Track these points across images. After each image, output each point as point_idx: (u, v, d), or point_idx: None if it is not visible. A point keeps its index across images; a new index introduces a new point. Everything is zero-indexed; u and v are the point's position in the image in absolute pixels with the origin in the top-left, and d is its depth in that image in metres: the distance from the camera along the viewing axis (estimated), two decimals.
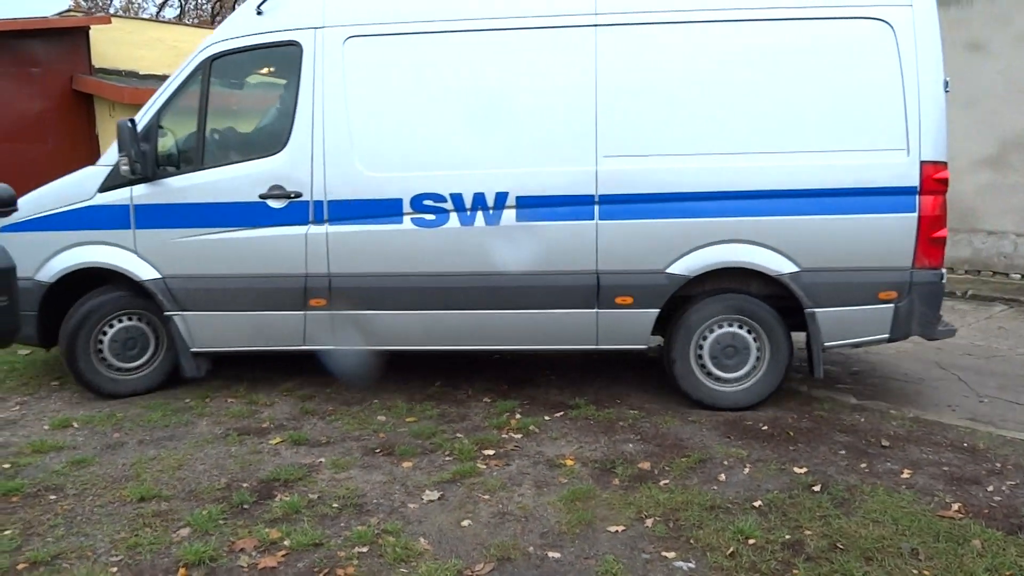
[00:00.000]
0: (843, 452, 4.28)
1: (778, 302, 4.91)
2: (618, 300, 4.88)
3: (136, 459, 4.26)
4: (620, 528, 3.49)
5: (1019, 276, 9.46)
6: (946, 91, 4.68)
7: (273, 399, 5.28)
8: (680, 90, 4.79)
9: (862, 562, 3.15)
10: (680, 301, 4.96)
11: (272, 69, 5.69)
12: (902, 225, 4.69)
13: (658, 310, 4.90)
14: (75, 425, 4.77)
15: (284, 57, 5.10)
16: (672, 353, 5.00)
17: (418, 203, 4.89)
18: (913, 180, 4.65)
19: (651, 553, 3.28)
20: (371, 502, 3.78)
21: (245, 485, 3.95)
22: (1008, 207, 9.52)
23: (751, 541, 3.33)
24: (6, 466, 4.15)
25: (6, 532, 3.45)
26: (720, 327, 4.96)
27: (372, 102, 4.99)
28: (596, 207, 4.80)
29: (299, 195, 4.95)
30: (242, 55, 5.16)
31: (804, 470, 4.04)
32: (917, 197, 4.65)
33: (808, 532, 3.40)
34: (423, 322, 5.04)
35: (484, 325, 5.02)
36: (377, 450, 4.42)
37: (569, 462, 4.22)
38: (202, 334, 5.18)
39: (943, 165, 4.70)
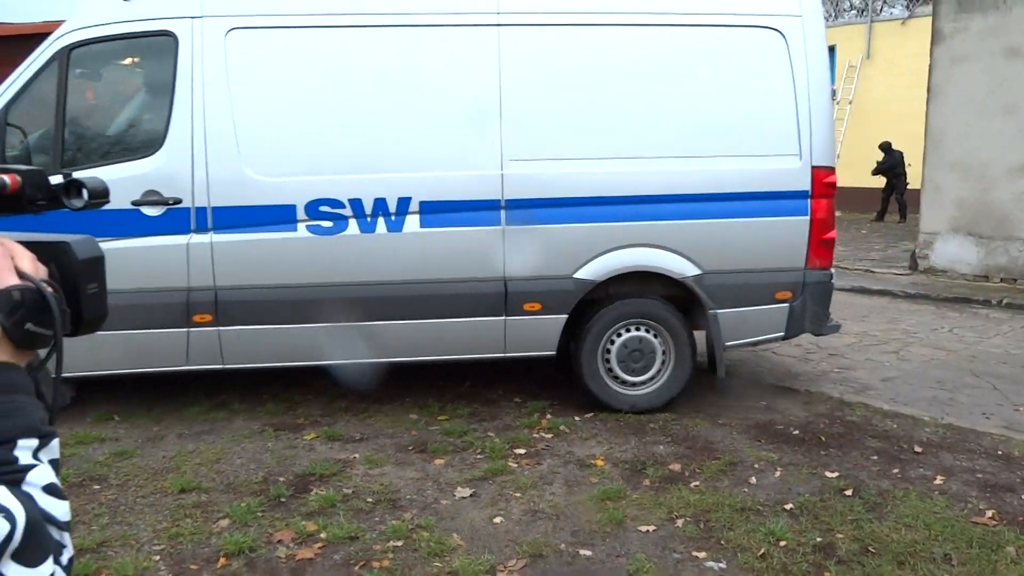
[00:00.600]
0: (875, 457, 4.28)
1: (680, 303, 4.99)
2: (526, 307, 4.78)
3: (176, 452, 4.37)
4: (651, 528, 3.52)
5: None
6: (834, 100, 4.89)
7: (307, 396, 5.37)
8: (584, 94, 4.76)
9: (894, 566, 3.16)
10: (587, 305, 4.92)
11: (142, 61, 5.14)
12: (796, 228, 4.88)
13: (566, 316, 4.84)
14: (116, 418, 4.89)
15: (156, 48, 4.67)
16: (580, 357, 4.94)
17: (313, 209, 4.57)
18: (805, 184, 4.85)
19: (682, 553, 3.31)
20: (404, 498, 3.84)
21: (282, 479, 4.03)
22: None
23: (782, 543, 3.34)
24: None
25: None
26: (627, 331, 4.96)
27: (260, 100, 4.64)
28: (502, 212, 4.67)
29: (178, 201, 4.53)
30: (106, 44, 4.66)
31: (836, 474, 4.04)
32: (809, 201, 4.86)
33: (839, 535, 3.41)
34: (322, 336, 4.68)
35: (387, 336, 4.76)
36: (410, 447, 4.49)
37: (599, 462, 4.26)
38: (69, 358, 4.72)
39: (832, 170, 4.95)
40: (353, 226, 4.61)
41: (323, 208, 4.58)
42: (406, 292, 4.71)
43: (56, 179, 1.05)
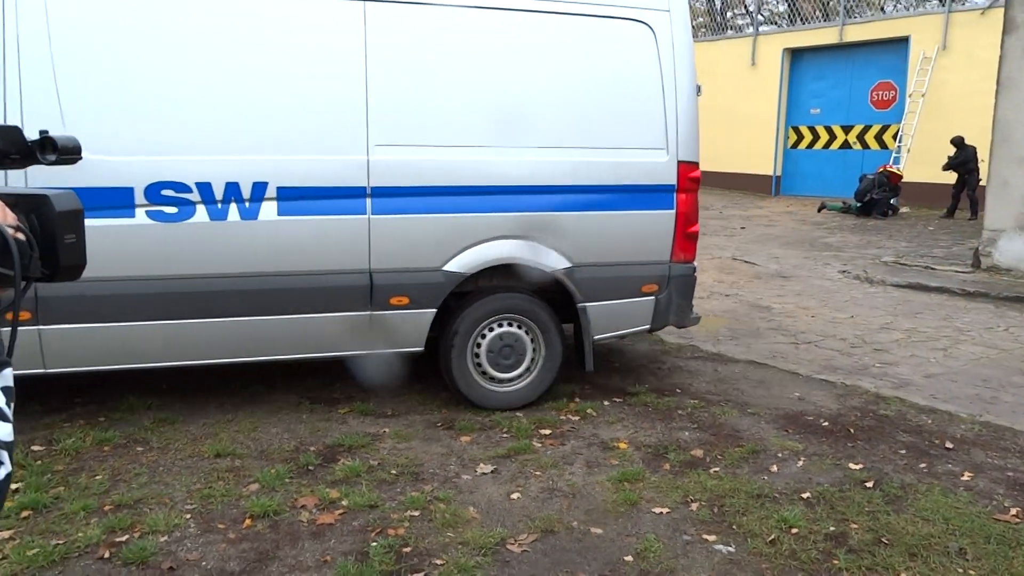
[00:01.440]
0: (903, 451, 4.21)
1: (549, 297, 4.90)
2: (393, 300, 4.54)
3: (216, 420, 4.58)
4: (665, 510, 3.56)
5: None
6: (698, 95, 4.89)
7: (346, 372, 5.52)
8: (454, 78, 4.56)
9: (905, 557, 3.13)
10: (457, 299, 4.76)
11: None
12: (663, 221, 4.91)
13: (435, 310, 4.64)
14: (164, 387, 5.14)
15: None
16: (449, 353, 4.74)
17: (155, 193, 4.10)
18: (672, 179, 4.87)
19: (692, 535, 3.34)
20: (427, 471, 3.96)
21: (312, 449, 4.19)
22: None
23: (794, 530, 3.34)
24: (101, 419, 4.53)
25: (97, 477, 3.79)
26: (498, 326, 4.82)
27: (89, 66, 4.04)
28: (368, 200, 4.41)
29: None
30: None
31: (859, 466, 4.00)
32: (675, 195, 4.88)
33: (854, 526, 3.39)
34: (167, 334, 4.27)
35: (241, 334, 4.39)
36: (439, 424, 4.61)
37: (622, 445, 4.30)
38: None
39: (696, 165, 4.96)
40: (201, 212, 4.17)
41: (166, 192, 4.12)
42: (261, 285, 4.34)
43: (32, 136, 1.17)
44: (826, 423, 4.63)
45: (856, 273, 10.24)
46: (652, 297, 4.99)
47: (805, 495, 3.68)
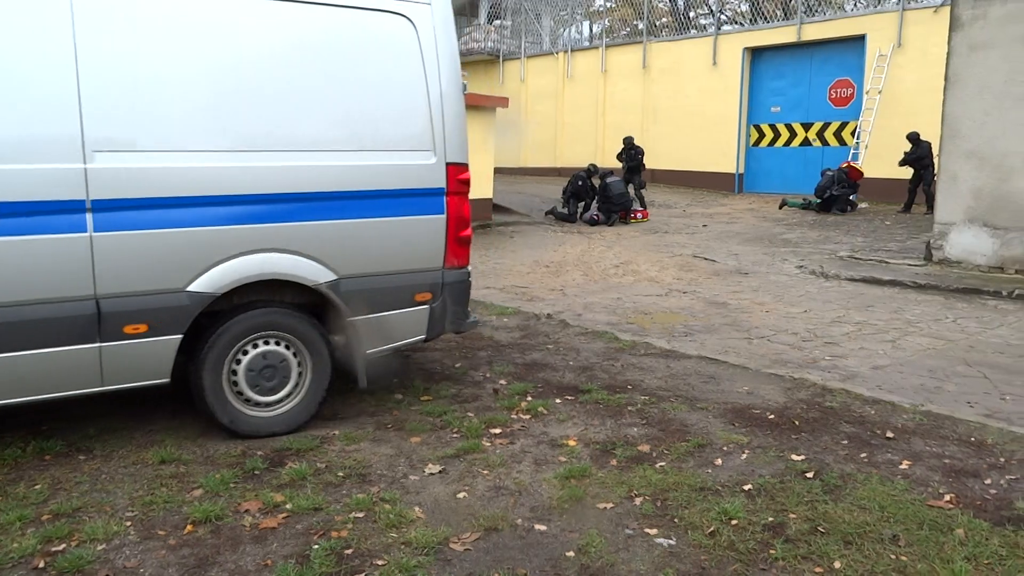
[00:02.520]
0: (845, 442, 4.29)
1: (316, 311, 4.58)
2: (128, 329, 3.97)
3: (162, 427, 4.53)
4: (609, 505, 3.59)
5: None
6: (464, 92, 4.70)
7: None
8: (194, 72, 4.08)
9: (840, 545, 3.19)
10: (210, 319, 4.27)
11: None
12: (433, 227, 4.71)
13: (181, 335, 4.12)
14: (110, 396, 5.06)
15: None
16: (201, 380, 4.24)
17: None
18: (441, 182, 4.68)
19: (635, 529, 3.37)
20: (375, 473, 3.95)
21: (260, 453, 4.16)
22: None
23: (734, 522, 3.39)
24: (43, 427, 4.46)
25: (36, 486, 3.73)
26: (256, 346, 4.39)
27: None
28: (89, 215, 3.82)
29: None
30: None
31: (802, 457, 4.07)
32: (444, 198, 4.70)
33: (792, 516, 3.45)
34: None
35: None
36: (389, 425, 4.61)
37: (571, 443, 4.33)
38: None
39: (465, 167, 4.78)
40: None
41: None
42: None
43: None
44: (772, 416, 4.70)
45: (812, 268, 10.39)
46: (426, 306, 4.77)
47: (747, 487, 3.73)
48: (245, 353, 4.37)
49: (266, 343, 4.42)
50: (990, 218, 9.82)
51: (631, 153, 17.72)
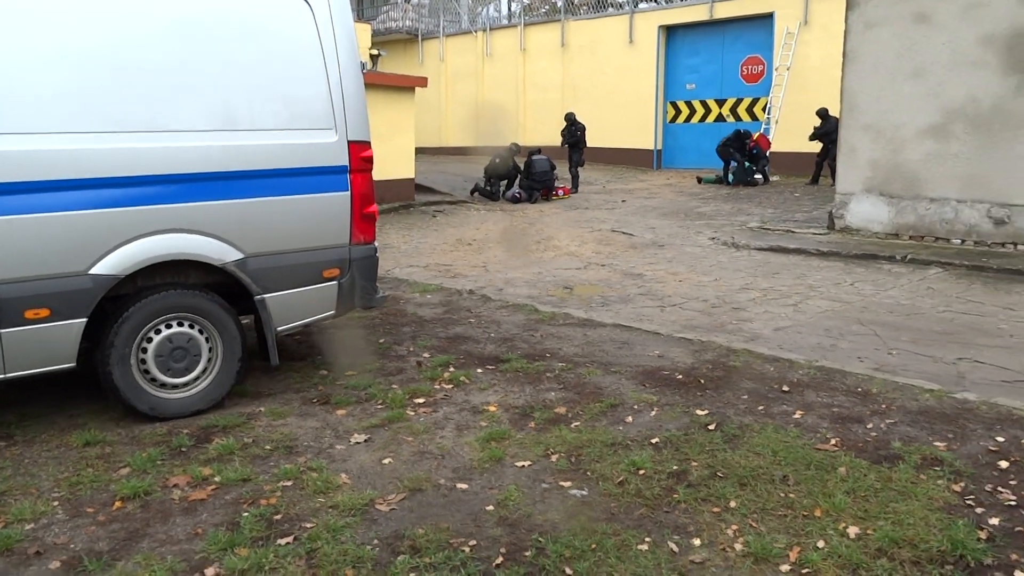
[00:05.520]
0: (745, 397, 4.61)
1: (223, 290, 4.63)
2: (28, 314, 3.94)
3: (84, 410, 4.54)
4: (527, 463, 3.80)
5: (959, 241, 9.81)
6: (363, 71, 4.82)
7: None
8: (89, 49, 4.06)
9: (736, 487, 3.48)
10: (115, 303, 4.30)
11: None
12: (338, 204, 4.83)
13: (85, 319, 4.11)
14: (31, 382, 5.03)
15: None
16: (108, 363, 4.23)
17: None
18: (344, 159, 4.81)
19: (550, 483, 3.60)
20: (301, 444, 4.08)
21: (185, 431, 4.24)
22: (950, 175, 9.84)
23: (641, 472, 3.65)
24: None
25: None
26: (166, 327, 4.41)
27: None
28: None
29: None
30: None
31: (705, 412, 4.37)
32: (348, 176, 4.84)
33: (695, 464, 3.73)
34: None
35: None
36: (315, 400, 4.72)
37: (492, 408, 4.53)
38: None
39: (367, 144, 4.91)
40: None
41: None
42: None
43: None
44: (680, 376, 5.00)
45: (724, 239, 10.84)
46: (334, 282, 4.87)
47: (654, 440, 4.01)
48: (154, 335, 4.39)
49: (178, 325, 4.45)
50: (886, 188, 10.42)
51: (572, 130, 17.83)
